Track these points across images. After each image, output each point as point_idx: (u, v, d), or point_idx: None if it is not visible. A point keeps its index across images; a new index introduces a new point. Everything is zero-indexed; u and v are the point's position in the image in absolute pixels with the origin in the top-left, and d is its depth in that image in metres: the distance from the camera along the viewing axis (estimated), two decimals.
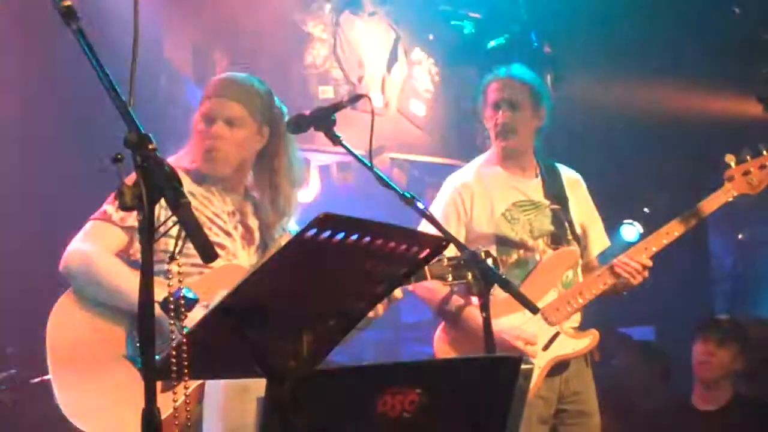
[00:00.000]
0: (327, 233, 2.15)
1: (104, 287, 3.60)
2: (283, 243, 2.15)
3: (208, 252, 2.07)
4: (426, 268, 3.95)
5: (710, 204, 5.03)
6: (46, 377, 3.62)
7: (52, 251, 3.75)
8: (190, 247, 2.18)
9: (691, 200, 5.10)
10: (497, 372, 2.75)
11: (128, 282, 3.53)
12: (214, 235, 3.82)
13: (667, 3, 7.93)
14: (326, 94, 7.51)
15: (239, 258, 3.86)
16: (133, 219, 3.66)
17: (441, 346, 4.87)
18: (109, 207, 3.73)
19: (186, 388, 2.30)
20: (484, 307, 3.54)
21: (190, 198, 3.70)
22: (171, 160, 3.95)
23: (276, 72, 7.15)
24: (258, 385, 2.38)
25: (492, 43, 8.04)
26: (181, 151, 4.01)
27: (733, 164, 5.07)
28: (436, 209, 4.98)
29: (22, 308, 4.77)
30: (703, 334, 6.35)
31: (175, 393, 2.35)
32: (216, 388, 3.37)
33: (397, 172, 7.77)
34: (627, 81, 8.07)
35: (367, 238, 2.24)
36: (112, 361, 3.55)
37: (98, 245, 3.68)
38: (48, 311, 3.64)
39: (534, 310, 3.71)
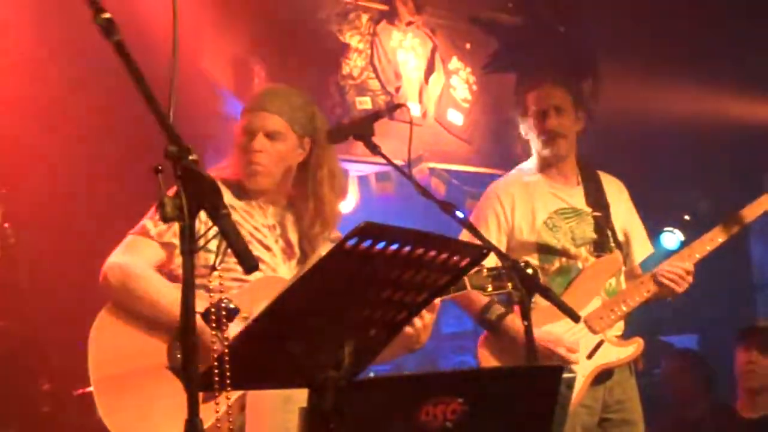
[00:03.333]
0: (368, 242, 2.14)
1: (144, 300, 3.61)
2: (323, 253, 2.14)
3: (249, 262, 2.07)
4: (466, 278, 3.93)
5: (753, 210, 5.00)
6: (88, 389, 3.63)
7: (93, 265, 3.76)
8: (229, 261, 2.17)
9: (732, 207, 5.06)
10: (539, 381, 2.74)
11: (168, 295, 3.55)
12: (254, 250, 3.81)
13: (710, 7, 7.88)
14: (364, 104, 7.51)
15: (279, 272, 3.85)
16: (170, 235, 3.67)
17: (484, 355, 4.84)
18: (148, 222, 3.74)
19: (228, 398, 2.30)
20: (525, 315, 3.52)
21: (231, 211, 3.78)
22: (211, 172, 3.96)
23: (313, 83, 7.17)
24: (300, 395, 2.38)
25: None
26: (222, 163, 4.01)
27: None
28: (477, 218, 4.98)
29: (63, 320, 4.79)
30: (745, 342, 6.30)
31: (217, 403, 2.35)
32: (258, 398, 3.36)
33: (436, 182, 7.76)
34: (668, 86, 8.02)
35: (408, 247, 2.23)
36: (153, 373, 3.55)
37: (137, 259, 3.69)
38: (90, 323, 3.66)
39: (576, 318, 3.68)
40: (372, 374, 5.38)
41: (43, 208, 5.43)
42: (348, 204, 7.27)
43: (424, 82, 8.04)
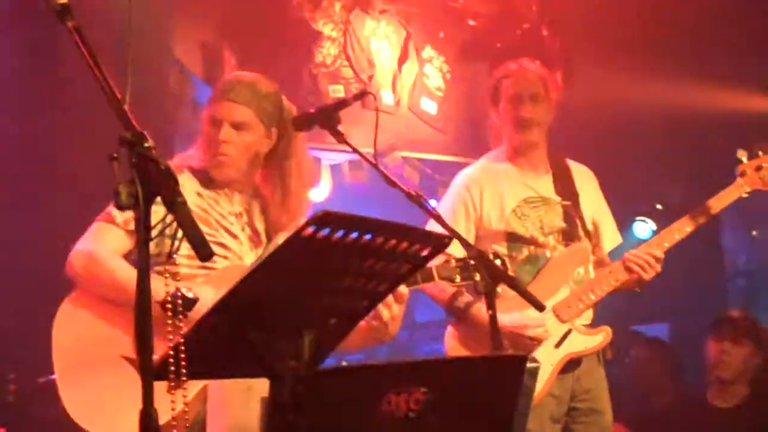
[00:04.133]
0: (326, 231, 2.12)
1: (110, 286, 3.58)
2: (280, 241, 2.12)
3: (204, 250, 2.05)
4: (434, 268, 3.92)
5: (721, 200, 5.01)
6: (52, 377, 3.61)
7: (59, 252, 3.73)
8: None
9: (704, 196, 5.07)
10: (503, 371, 2.73)
11: (133, 279, 3.52)
12: (221, 237, 3.80)
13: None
14: (337, 93, 7.48)
15: (245, 260, 3.82)
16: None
17: (451, 344, 4.85)
18: (114, 209, 3.71)
19: (185, 388, 2.28)
20: (491, 305, 3.51)
21: (197, 198, 3.78)
22: (179, 158, 3.95)
23: (286, 71, 7.14)
24: (262, 385, 2.36)
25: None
26: (190, 149, 3.98)
27: (744, 159, 5.05)
28: (445, 206, 4.97)
29: (28, 309, 4.76)
30: (717, 332, 6.31)
31: (174, 394, 2.33)
32: (219, 388, 3.35)
33: (409, 171, 7.74)
34: (637, 76, 8.02)
35: (368, 236, 2.22)
36: (118, 362, 3.53)
37: (102, 245, 3.66)
38: (54, 312, 3.63)
39: (540, 307, 3.68)
40: (344, 363, 5.39)
41: (4, 195, 5.39)
42: (321, 192, 7.26)
43: (398, 70, 8.01)
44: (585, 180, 5.14)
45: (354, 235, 2.19)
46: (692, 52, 7.91)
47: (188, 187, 3.79)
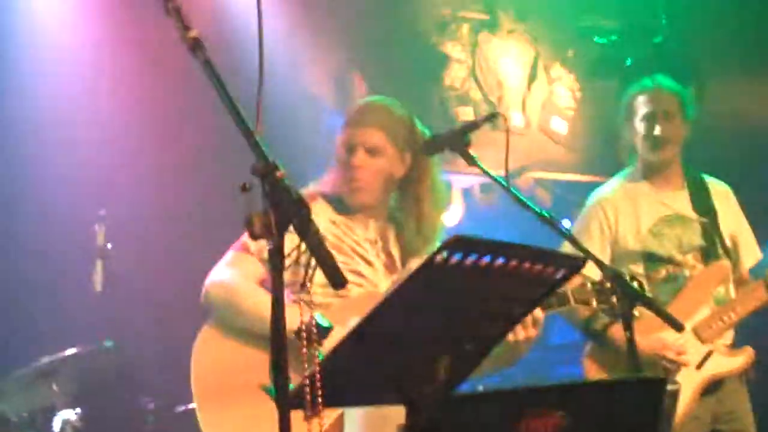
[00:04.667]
0: (458, 256, 2.10)
1: (246, 314, 3.61)
2: (414, 267, 2.11)
3: (336, 278, 2.05)
4: (569, 292, 3.86)
5: None
6: (191, 406, 3.65)
7: (195, 282, 3.79)
8: None
9: None
10: (642, 393, 2.67)
11: (269, 308, 3.54)
12: (356, 264, 3.80)
13: None
14: (466, 115, 7.48)
15: (380, 287, 3.82)
16: None
17: (590, 366, 4.78)
18: (248, 238, 3.74)
19: (322, 417, 2.28)
20: (628, 327, 3.45)
21: (331, 226, 3.79)
22: (313, 185, 3.96)
23: (415, 95, 7.16)
24: (398, 413, 2.34)
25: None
26: (323, 177, 4.00)
27: None
28: (579, 227, 4.92)
29: (168, 338, 4.85)
30: None
31: (310, 423, 2.33)
32: (355, 417, 3.35)
33: (541, 192, 7.69)
34: None
35: (501, 260, 2.19)
36: (256, 390, 3.55)
37: (238, 274, 3.70)
38: (192, 340, 3.68)
39: (680, 328, 3.59)
40: (480, 387, 5.36)
41: (144, 227, 5.51)
42: (453, 216, 7.24)
43: (527, 90, 7.98)
44: (722, 196, 5.04)
45: (486, 259, 2.16)
46: None
47: (322, 214, 3.81)
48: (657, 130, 4.88)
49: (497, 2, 7.88)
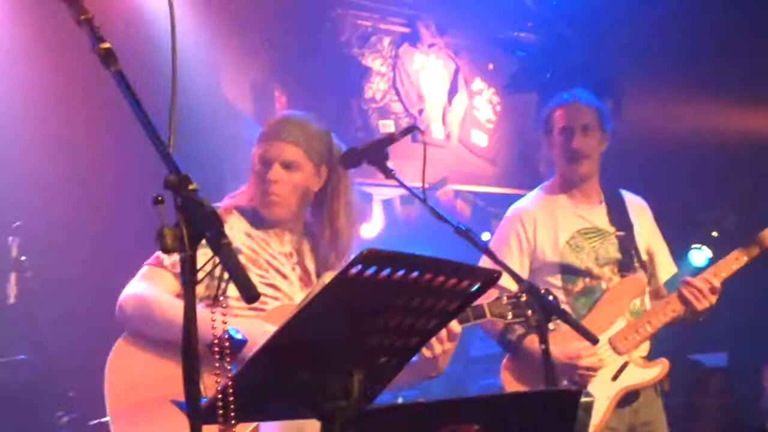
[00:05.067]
0: (372, 269, 2.10)
1: (160, 324, 3.58)
2: (327, 281, 2.11)
3: (249, 292, 2.04)
4: (485, 306, 3.88)
5: None
6: (104, 419, 3.61)
7: (109, 296, 3.75)
8: None
9: (759, 221, 5.00)
10: (556, 405, 2.69)
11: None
12: (271, 278, 3.79)
13: (732, 23, 7.82)
14: (387, 128, 7.51)
15: (296, 300, 3.81)
16: None
17: (507, 378, 4.80)
18: (162, 252, 3.72)
19: (235, 431, 2.26)
20: (543, 339, 3.47)
21: (247, 239, 3.78)
22: (228, 199, 3.95)
23: (336, 107, 7.18)
24: (313, 426, 2.34)
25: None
26: (241, 189, 3.98)
27: None
28: (498, 240, 4.95)
29: (82, 352, 4.79)
30: None
31: None
32: (271, 429, 3.33)
33: (461, 204, 7.74)
34: (691, 103, 7.97)
35: (415, 273, 2.19)
36: (169, 404, 3.52)
37: (152, 288, 3.67)
38: (106, 354, 3.64)
39: (593, 340, 3.63)
40: (400, 399, 5.36)
41: (59, 240, 5.44)
42: (373, 228, 7.25)
43: (448, 103, 8.03)
44: (639, 210, 5.09)
45: (401, 272, 2.16)
46: (746, 77, 7.84)
47: (237, 228, 3.80)
48: (574, 144, 4.91)
49: (418, 16, 7.92)
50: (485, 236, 6.42)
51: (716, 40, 7.80)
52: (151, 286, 3.67)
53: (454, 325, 3.57)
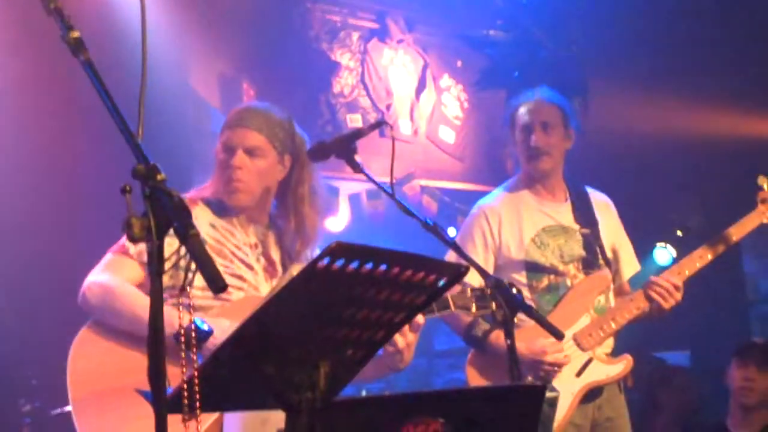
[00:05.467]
0: (340, 262, 2.11)
1: (124, 316, 3.57)
2: (295, 273, 2.11)
3: (216, 282, 2.03)
4: (450, 298, 3.90)
5: (742, 228, 4.97)
6: (67, 409, 3.59)
7: (73, 284, 3.73)
8: None
9: (724, 220, 5.04)
10: (521, 400, 2.70)
11: (147, 309, 3.51)
12: (236, 268, 3.79)
13: (699, 25, 7.88)
14: (355, 122, 7.51)
15: (261, 291, 3.81)
16: None
17: (471, 373, 4.82)
18: (127, 241, 3.71)
19: (200, 421, 2.26)
20: (509, 334, 3.49)
21: (211, 230, 3.77)
22: (194, 191, 3.94)
23: (304, 101, 7.17)
24: (278, 417, 2.34)
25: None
26: (206, 182, 3.98)
27: (765, 186, 5.01)
28: (463, 236, 4.95)
29: (45, 341, 4.77)
30: (742, 359, 6.25)
31: (187, 426, 2.31)
32: (235, 421, 3.33)
33: (427, 200, 7.75)
34: (658, 104, 8.01)
35: (383, 267, 2.20)
36: (133, 393, 3.51)
37: (116, 277, 3.66)
38: (70, 343, 3.63)
39: (559, 336, 3.65)
40: (364, 392, 5.36)
41: (19, 228, 5.41)
42: (339, 222, 7.26)
43: (416, 99, 8.04)
44: (604, 208, 5.12)
45: (368, 266, 2.17)
46: (711, 78, 7.90)
47: (202, 218, 3.80)
48: (533, 141, 4.92)
49: (387, 11, 7.93)
50: (451, 232, 6.44)
51: (684, 41, 7.86)
52: (116, 276, 3.66)
53: (418, 317, 3.58)
